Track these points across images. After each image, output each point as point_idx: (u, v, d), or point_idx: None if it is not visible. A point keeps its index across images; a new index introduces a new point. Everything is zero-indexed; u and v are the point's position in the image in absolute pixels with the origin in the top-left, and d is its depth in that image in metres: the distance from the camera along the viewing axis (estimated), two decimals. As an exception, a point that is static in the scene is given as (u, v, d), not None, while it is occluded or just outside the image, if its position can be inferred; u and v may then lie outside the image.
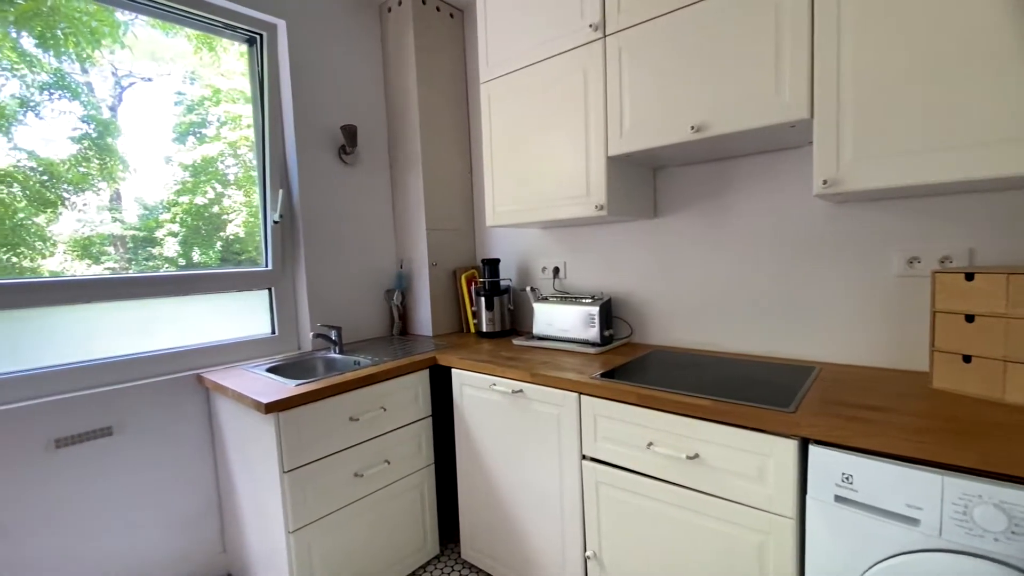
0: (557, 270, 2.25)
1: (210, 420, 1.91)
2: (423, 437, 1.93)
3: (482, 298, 2.30)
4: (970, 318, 1.15)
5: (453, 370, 1.88)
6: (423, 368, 1.91)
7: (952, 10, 1.06)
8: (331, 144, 2.26)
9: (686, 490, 1.28)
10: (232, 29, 2.03)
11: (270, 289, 2.15)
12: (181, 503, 1.85)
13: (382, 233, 2.50)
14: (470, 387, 1.82)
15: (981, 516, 0.86)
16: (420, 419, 1.91)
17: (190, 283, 1.92)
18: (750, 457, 1.16)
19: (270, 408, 1.46)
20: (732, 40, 1.35)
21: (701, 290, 1.82)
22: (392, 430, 1.80)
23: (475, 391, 1.81)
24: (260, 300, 2.15)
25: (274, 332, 2.16)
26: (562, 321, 1.98)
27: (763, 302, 1.69)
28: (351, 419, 1.67)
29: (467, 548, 1.95)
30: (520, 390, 1.64)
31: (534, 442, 1.63)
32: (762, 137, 1.45)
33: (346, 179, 2.33)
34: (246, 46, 2.11)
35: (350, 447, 1.67)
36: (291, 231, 2.18)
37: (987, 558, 0.87)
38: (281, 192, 2.13)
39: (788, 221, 1.62)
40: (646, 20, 1.51)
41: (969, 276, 1.16)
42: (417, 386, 1.90)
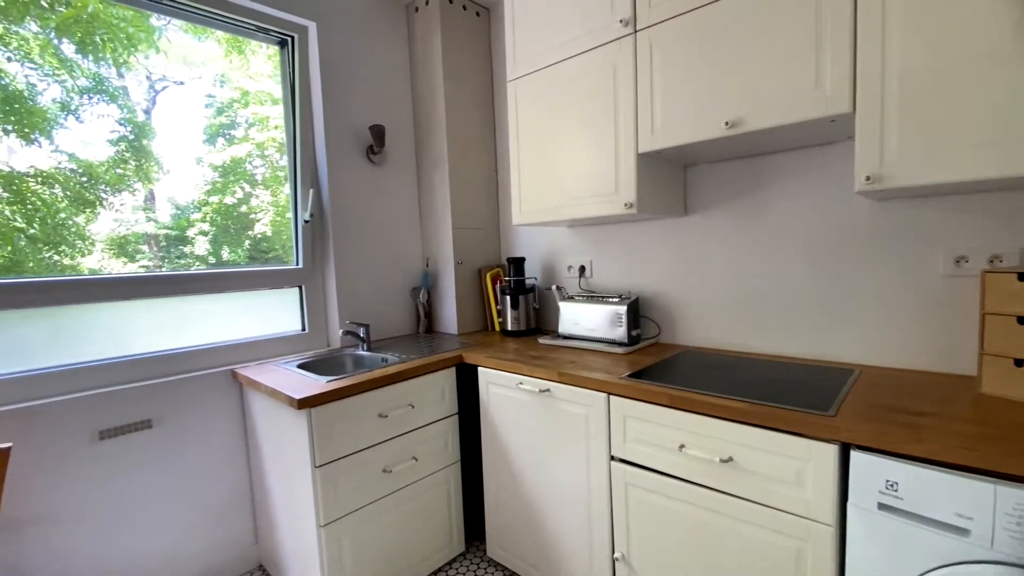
0: (583, 269, 2.23)
1: (243, 414, 1.96)
2: (450, 435, 1.94)
3: (507, 297, 2.29)
4: (1023, 320, 1.11)
5: (479, 368, 1.88)
6: (450, 366, 1.92)
7: (1008, -2, 1.01)
8: (359, 144, 2.28)
9: (719, 494, 1.26)
10: (265, 32, 2.07)
11: (300, 287, 2.19)
12: (215, 495, 1.90)
13: (409, 232, 2.52)
14: (496, 385, 1.82)
15: (1038, 528, 0.83)
16: (447, 416, 1.92)
17: (223, 281, 1.97)
18: (787, 461, 1.13)
19: (303, 404, 1.49)
20: (768, 33, 1.32)
21: (733, 289, 1.79)
22: (419, 427, 1.82)
23: (501, 390, 1.81)
24: (290, 297, 2.19)
25: (304, 329, 2.20)
26: (588, 320, 1.97)
27: (798, 302, 1.64)
28: (380, 416, 1.69)
29: (493, 546, 1.95)
30: (547, 389, 1.64)
31: (561, 442, 1.63)
32: (798, 133, 1.41)
33: (374, 178, 2.35)
34: (277, 48, 2.15)
35: (379, 443, 1.69)
36: (321, 230, 2.22)
37: (1043, 571, 0.83)
38: (312, 192, 2.17)
39: (825, 218, 1.57)
40: (678, 14, 1.48)
41: (1022, 276, 1.11)
42: (444, 384, 1.91)
